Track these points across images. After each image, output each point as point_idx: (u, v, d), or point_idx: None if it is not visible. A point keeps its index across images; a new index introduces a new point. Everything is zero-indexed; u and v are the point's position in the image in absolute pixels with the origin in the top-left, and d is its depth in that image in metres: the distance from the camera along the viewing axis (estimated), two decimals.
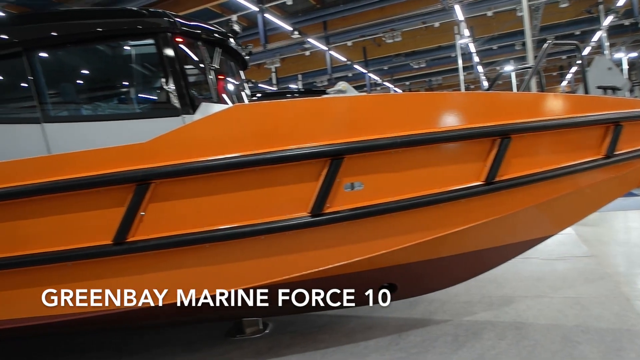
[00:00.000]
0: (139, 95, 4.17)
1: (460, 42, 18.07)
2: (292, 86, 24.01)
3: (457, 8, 16.35)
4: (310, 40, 19.75)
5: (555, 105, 3.86)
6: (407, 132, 3.43)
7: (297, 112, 3.44)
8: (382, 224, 3.50)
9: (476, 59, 23.64)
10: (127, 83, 4.12)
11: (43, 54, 3.87)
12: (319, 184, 3.32)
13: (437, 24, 20.13)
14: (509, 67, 18.92)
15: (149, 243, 3.31)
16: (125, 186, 3.26)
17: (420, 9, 18.19)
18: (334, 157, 3.29)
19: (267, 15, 16.82)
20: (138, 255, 3.36)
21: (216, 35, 4.16)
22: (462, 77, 19.05)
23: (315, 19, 18.93)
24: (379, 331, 4.38)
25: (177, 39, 3.72)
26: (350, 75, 26.90)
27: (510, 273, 5.80)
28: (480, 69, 26.28)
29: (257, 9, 16.21)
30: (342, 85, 4.04)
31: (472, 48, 21.70)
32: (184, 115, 3.54)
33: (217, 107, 3.59)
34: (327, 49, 21.59)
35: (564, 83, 31.45)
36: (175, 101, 3.56)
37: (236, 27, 4.32)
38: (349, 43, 21.89)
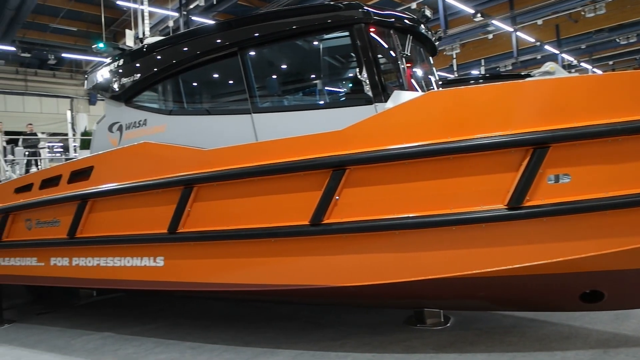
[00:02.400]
0: (334, 85, 4.38)
1: None
2: (474, 72, 22.82)
3: None
4: (494, 22, 18.48)
5: None
6: (629, 118, 2.96)
7: (498, 97, 3.22)
8: (591, 222, 3.10)
9: None
10: (322, 74, 4.36)
11: (252, 53, 4.33)
12: (518, 174, 3.08)
13: None
14: None
15: (342, 226, 3.48)
16: (322, 171, 3.49)
17: None
18: (538, 146, 3.02)
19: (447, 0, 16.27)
20: (331, 237, 3.56)
21: (407, 22, 4.14)
22: None
23: None
24: (579, 342, 3.91)
25: (371, 29, 3.80)
26: (538, 57, 24.47)
27: None
28: None
29: None
30: (550, 66, 3.63)
31: None
32: (377, 104, 3.60)
33: (408, 95, 3.57)
34: (513, 30, 19.95)
35: None
36: (368, 90, 3.64)
37: (427, 13, 4.23)
38: (539, 21, 19.93)
